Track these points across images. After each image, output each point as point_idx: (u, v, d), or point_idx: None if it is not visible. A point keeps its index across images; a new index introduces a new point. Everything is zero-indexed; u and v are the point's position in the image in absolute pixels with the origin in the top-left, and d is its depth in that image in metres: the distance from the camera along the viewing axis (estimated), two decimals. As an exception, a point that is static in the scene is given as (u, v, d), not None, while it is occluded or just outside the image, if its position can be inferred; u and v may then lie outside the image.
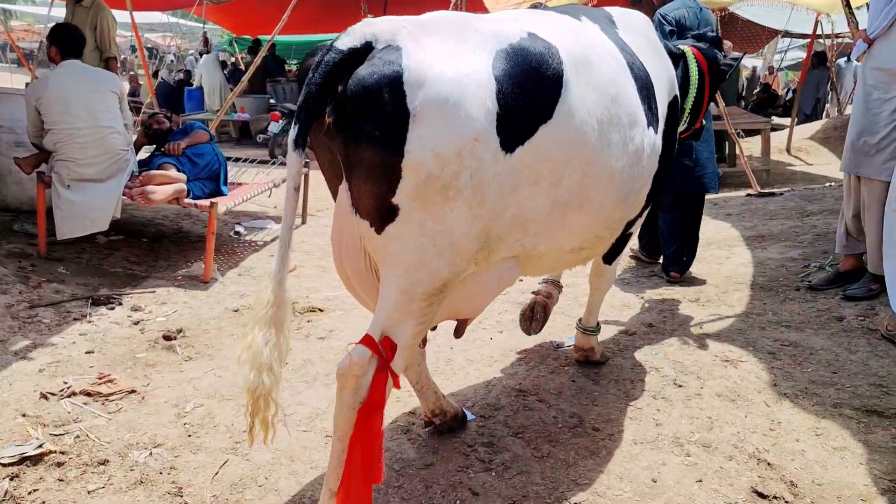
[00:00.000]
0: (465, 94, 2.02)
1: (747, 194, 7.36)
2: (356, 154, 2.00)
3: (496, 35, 2.16)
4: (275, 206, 7.32)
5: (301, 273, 5.16)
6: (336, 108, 1.99)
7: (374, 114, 1.97)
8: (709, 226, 6.00)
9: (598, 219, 2.51)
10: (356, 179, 2.03)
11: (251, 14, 15.17)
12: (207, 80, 14.65)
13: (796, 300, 4.10)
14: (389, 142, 1.97)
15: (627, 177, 2.52)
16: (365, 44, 2.01)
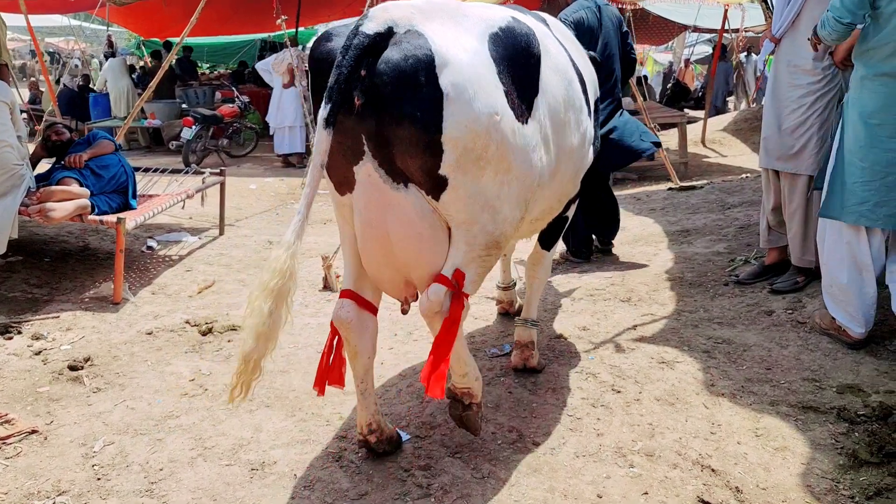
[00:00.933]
0: (480, 76, 2.25)
1: (669, 188, 7.45)
2: (397, 133, 2.18)
3: (485, 19, 2.40)
4: (190, 217, 6.98)
5: (220, 289, 4.89)
6: (367, 91, 2.14)
7: (413, 95, 2.15)
8: (634, 221, 6.02)
9: (558, 190, 2.85)
10: (401, 156, 2.22)
11: (159, 16, 14.57)
12: (113, 86, 13.98)
13: (726, 295, 4.11)
14: (429, 120, 2.17)
15: (578, 156, 2.89)
16: (387, 28, 2.18)
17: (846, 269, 3.35)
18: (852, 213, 3.27)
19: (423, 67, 2.15)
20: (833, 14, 3.19)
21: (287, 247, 2.16)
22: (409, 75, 2.14)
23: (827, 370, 3.20)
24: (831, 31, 3.24)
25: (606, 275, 4.69)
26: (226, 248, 5.98)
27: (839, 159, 3.39)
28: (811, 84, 3.77)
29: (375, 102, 2.16)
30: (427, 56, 2.16)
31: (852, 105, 3.29)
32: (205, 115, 11.24)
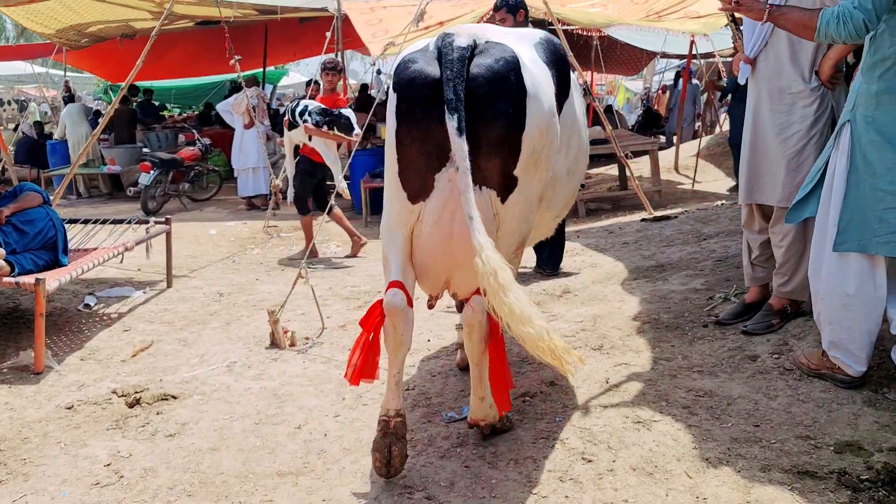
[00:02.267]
0: (544, 78, 2.61)
1: (642, 219, 7.15)
2: (487, 132, 2.45)
3: (523, 33, 2.89)
4: (139, 268, 6.56)
5: (158, 350, 4.47)
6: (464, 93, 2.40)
7: (505, 93, 2.44)
8: (606, 258, 5.69)
9: (573, 188, 3.21)
10: (486, 155, 2.46)
11: (118, 58, 14.27)
12: (72, 132, 13.56)
13: (705, 339, 3.77)
14: (517, 117, 2.46)
15: (584, 159, 3.27)
16: (473, 41, 2.52)
17: (855, 307, 2.99)
18: (886, 243, 2.88)
19: (512, 68, 2.50)
20: (864, 16, 2.74)
21: (482, 247, 2.31)
22: (503, 75, 2.47)
23: (822, 424, 2.85)
24: (853, 31, 2.79)
25: (577, 319, 4.34)
26: (172, 302, 5.56)
27: (853, 186, 3.00)
28: (804, 108, 3.43)
29: (469, 106, 2.40)
30: (513, 58, 2.52)
31: (869, 125, 2.90)
32: (163, 160, 10.86)
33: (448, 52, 2.45)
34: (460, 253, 2.54)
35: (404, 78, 2.57)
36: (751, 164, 3.67)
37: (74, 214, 11.05)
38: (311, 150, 7.13)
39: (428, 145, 2.50)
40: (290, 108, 7.35)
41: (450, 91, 2.38)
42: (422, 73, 2.53)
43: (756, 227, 3.79)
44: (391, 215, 2.73)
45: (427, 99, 2.49)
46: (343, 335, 4.53)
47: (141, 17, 11.65)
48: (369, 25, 9.89)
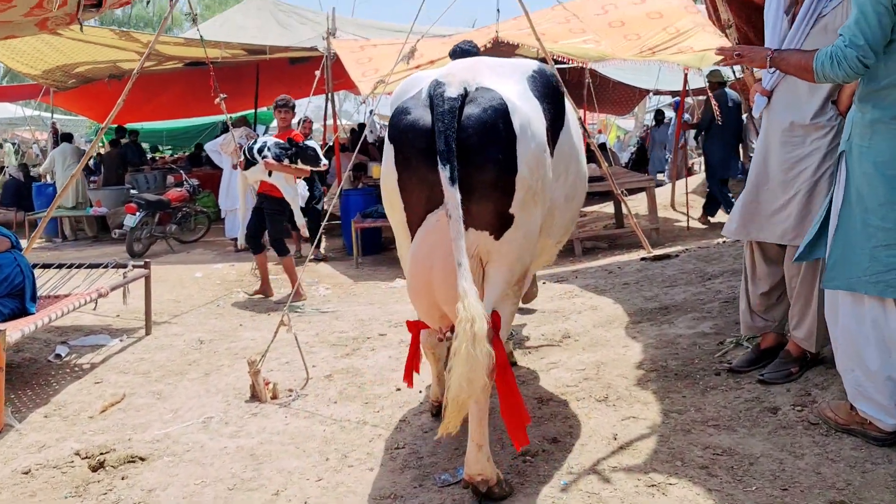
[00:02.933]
0: (533, 115, 2.68)
1: (642, 258, 6.91)
2: (480, 177, 2.53)
3: (517, 65, 2.95)
4: (117, 314, 6.26)
5: (129, 404, 4.16)
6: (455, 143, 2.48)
7: (494, 141, 2.54)
8: (606, 299, 5.43)
9: (574, 214, 3.30)
10: (477, 199, 2.54)
11: (106, 99, 14.11)
12: (62, 174, 13.34)
13: (719, 389, 3.49)
14: (508, 161, 2.55)
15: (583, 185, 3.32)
16: (464, 89, 2.58)
17: (873, 351, 2.75)
18: (876, 283, 2.68)
19: (500, 115, 2.57)
20: (857, 53, 2.62)
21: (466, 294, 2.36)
22: (491, 123, 2.55)
23: (856, 488, 2.56)
24: (849, 71, 2.66)
25: (579, 366, 4.06)
26: (149, 350, 5.26)
27: (845, 219, 2.83)
28: (818, 140, 3.21)
29: (461, 152, 2.49)
30: (502, 104, 2.59)
31: (862, 155, 2.74)
32: (149, 201, 10.62)
33: (439, 104, 2.52)
34: (444, 289, 2.62)
35: (399, 130, 2.67)
36: (755, 199, 3.44)
37: (56, 258, 10.80)
38: (271, 188, 6.96)
39: (427, 190, 2.61)
40: (246, 147, 7.20)
41: (441, 143, 2.46)
42: (415, 126, 2.62)
43: (756, 271, 3.55)
44: (403, 254, 2.89)
45: (422, 149, 2.59)
46: (329, 386, 4.23)
47: (129, 57, 11.51)
48: (359, 64, 9.75)
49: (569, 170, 3.00)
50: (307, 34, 12.46)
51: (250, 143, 7.21)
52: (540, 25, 10.21)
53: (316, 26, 12.63)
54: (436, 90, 2.59)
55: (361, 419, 3.68)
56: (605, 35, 10.10)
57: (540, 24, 10.20)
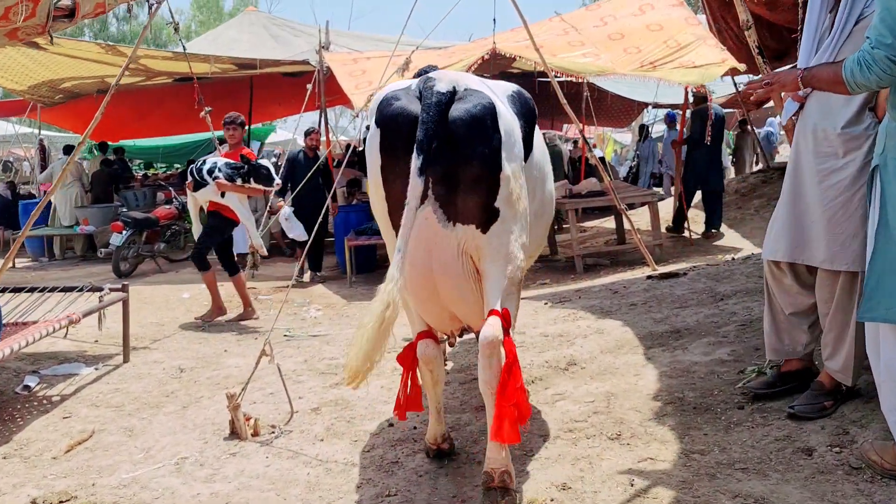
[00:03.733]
0: (514, 126, 2.80)
1: (648, 277, 6.59)
2: (466, 172, 2.62)
3: (500, 85, 3.06)
4: (95, 340, 5.93)
5: (98, 443, 3.82)
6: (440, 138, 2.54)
7: (483, 137, 2.62)
8: (613, 322, 5.10)
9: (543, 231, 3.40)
10: (463, 193, 2.62)
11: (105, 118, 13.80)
12: (61, 192, 13.03)
13: (744, 425, 3.16)
14: (495, 159, 2.65)
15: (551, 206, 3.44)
16: (453, 87, 2.64)
17: None
18: None
19: (489, 114, 2.64)
20: (885, 53, 2.34)
21: (393, 280, 2.44)
22: (480, 120, 2.61)
23: (913, 546, 2.24)
24: (882, 73, 2.38)
25: (587, 398, 3.73)
26: (126, 379, 4.92)
27: (882, 242, 2.54)
28: (854, 150, 2.89)
29: (448, 147, 2.56)
30: (491, 105, 2.67)
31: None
32: (136, 219, 10.30)
33: (428, 96, 2.57)
34: (447, 288, 2.72)
35: (387, 114, 2.67)
36: (791, 216, 3.12)
37: (40, 278, 10.47)
38: (224, 207, 6.75)
39: (403, 181, 2.58)
40: (193, 168, 6.96)
41: (422, 132, 2.50)
42: (404, 111, 2.64)
43: (784, 290, 3.23)
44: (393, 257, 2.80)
45: (408, 136, 2.57)
46: (315, 420, 3.89)
47: (116, 73, 11.18)
48: (352, 77, 9.48)
49: (535, 192, 3.06)
50: (302, 47, 12.19)
51: (197, 163, 7.00)
52: (538, 37, 9.94)
53: (311, 39, 12.36)
54: (426, 83, 2.64)
55: (350, 460, 3.34)
56: (604, 48, 9.84)
57: (538, 36, 9.93)
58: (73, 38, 11.27)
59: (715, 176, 10.25)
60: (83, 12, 4.86)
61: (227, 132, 6.93)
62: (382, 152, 2.69)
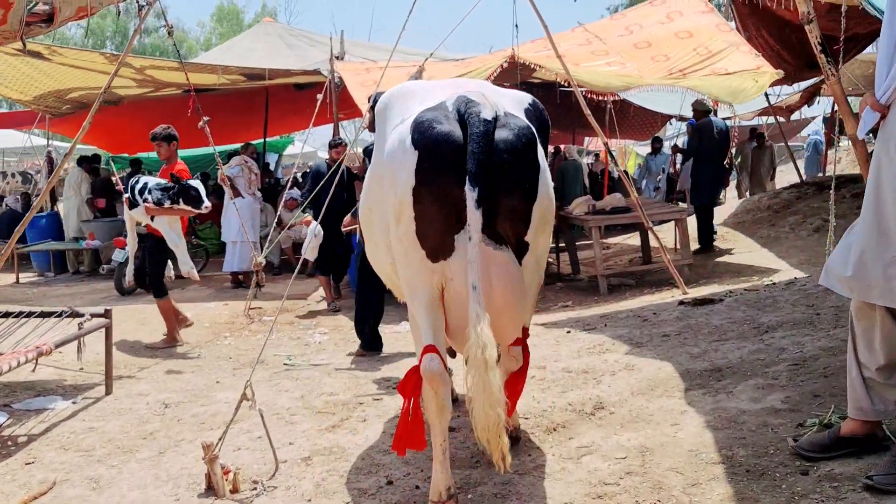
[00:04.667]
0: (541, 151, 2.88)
1: (680, 302, 6.03)
2: (504, 202, 2.64)
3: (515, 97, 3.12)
4: (81, 367, 5.48)
5: (57, 496, 3.35)
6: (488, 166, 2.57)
7: (524, 168, 2.69)
8: (644, 357, 4.57)
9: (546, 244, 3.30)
10: (501, 223, 2.67)
11: (109, 126, 13.53)
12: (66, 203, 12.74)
13: (811, 497, 2.61)
14: (532, 190, 2.74)
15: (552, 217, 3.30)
16: (496, 113, 2.67)
17: None
18: None
19: (531, 144, 2.72)
20: None
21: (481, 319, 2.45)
22: (523, 151, 2.68)
23: None
24: None
25: (618, 453, 3.20)
26: (104, 416, 4.47)
27: None
28: None
29: (490, 176, 2.56)
30: (532, 134, 2.75)
31: None
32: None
33: (475, 124, 2.55)
34: (493, 311, 2.62)
35: (430, 138, 2.62)
36: (874, 250, 2.58)
37: (42, 295, 10.10)
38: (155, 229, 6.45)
39: (447, 207, 2.61)
40: (129, 184, 6.66)
41: (473, 164, 2.49)
42: (448, 137, 2.61)
43: (875, 334, 2.69)
44: (409, 275, 2.77)
45: (450, 163, 2.58)
46: (305, 473, 3.40)
47: (123, 84, 10.89)
48: (363, 87, 9.05)
49: None
50: (318, 57, 11.78)
51: (132, 180, 6.69)
52: (559, 47, 9.46)
53: (327, 49, 11.96)
54: (468, 108, 2.62)
55: (339, 529, 2.85)
56: (630, 56, 9.35)
57: (559, 46, 9.45)
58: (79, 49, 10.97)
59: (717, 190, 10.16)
60: (63, 17, 4.49)
61: (157, 148, 6.60)
62: (418, 174, 2.63)
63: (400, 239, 2.74)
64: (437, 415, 2.75)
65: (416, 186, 2.62)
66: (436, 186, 2.61)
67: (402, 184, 2.66)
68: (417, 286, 2.74)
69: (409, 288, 2.81)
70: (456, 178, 2.55)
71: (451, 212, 2.59)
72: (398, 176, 2.69)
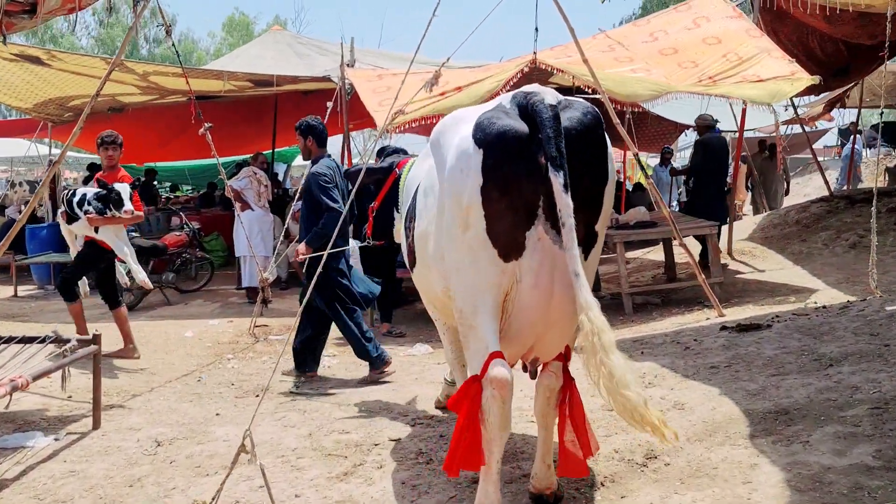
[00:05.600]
0: None
1: (723, 327, 5.52)
2: (579, 184, 2.53)
3: None
4: (69, 395, 5.00)
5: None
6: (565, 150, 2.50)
7: (595, 146, 2.64)
8: (694, 392, 4.07)
9: None
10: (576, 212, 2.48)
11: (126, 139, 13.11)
12: None
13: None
14: (603, 170, 2.67)
15: None
16: (558, 99, 2.63)
17: None
18: None
19: (598, 122, 2.67)
20: None
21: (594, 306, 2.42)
22: (592, 128, 2.62)
23: None
24: None
25: (683, 519, 2.71)
26: (88, 456, 3.99)
27: None
28: None
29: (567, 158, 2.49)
30: (596, 112, 2.67)
31: None
32: (142, 247, 9.41)
33: (542, 111, 2.50)
34: (557, 314, 2.62)
35: (493, 133, 2.58)
36: None
37: (39, 309, 9.65)
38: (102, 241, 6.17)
39: (517, 201, 2.56)
40: (65, 198, 6.46)
41: (552, 148, 2.44)
42: (512, 129, 2.58)
43: None
44: (475, 281, 2.66)
45: (517, 154, 2.55)
46: (313, 536, 2.92)
47: (127, 91, 10.50)
48: (375, 93, 8.61)
49: None
50: (328, 65, 11.35)
51: (68, 193, 6.43)
52: (584, 54, 9.04)
53: (337, 58, 11.54)
54: (529, 99, 2.58)
55: None
56: (655, 63, 8.87)
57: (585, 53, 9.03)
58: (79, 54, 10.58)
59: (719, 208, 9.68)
60: (48, 7, 4.05)
61: (104, 153, 6.31)
62: (485, 172, 2.57)
63: (469, 245, 2.64)
64: (500, 428, 2.59)
65: (483, 184, 2.57)
66: (505, 181, 2.56)
67: (469, 188, 2.60)
68: (484, 291, 2.64)
69: (471, 296, 2.67)
70: (526, 170, 2.53)
71: (520, 206, 2.56)
72: (463, 183, 2.62)
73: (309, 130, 5.68)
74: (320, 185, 5.47)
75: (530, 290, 2.58)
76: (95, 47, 39.48)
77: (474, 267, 2.65)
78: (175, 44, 5.83)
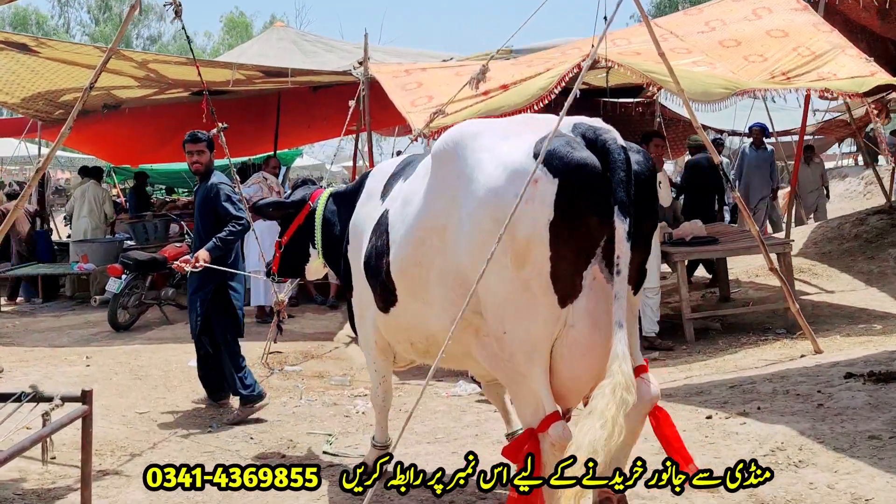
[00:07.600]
0: None
1: (848, 374, 4.53)
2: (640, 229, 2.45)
3: None
4: (53, 456, 4.00)
5: None
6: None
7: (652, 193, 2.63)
8: (862, 476, 3.10)
9: None
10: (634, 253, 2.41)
11: (108, 135, 12.19)
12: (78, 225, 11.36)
13: None
14: (657, 212, 2.71)
15: None
16: None
17: None
18: None
19: (654, 166, 2.68)
20: None
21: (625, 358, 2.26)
22: (653, 173, 2.62)
23: None
24: None
25: None
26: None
27: None
28: None
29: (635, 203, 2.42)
30: (651, 159, 2.67)
31: None
32: (139, 261, 8.45)
33: (615, 150, 2.42)
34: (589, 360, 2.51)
35: (573, 163, 2.45)
36: None
37: (24, 328, 8.67)
38: None
39: (584, 242, 2.47)
40: None
41: (622, 192, 2.35)
42: (592, 163, 2.46)
43: None
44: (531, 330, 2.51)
45: (594, 191, 2.44)
46: None
47: (124, 83, 9.52)
48: (406, 91, 7.65)
49: None
50: (335, 63, 10.43)
51: None
52: (632, 45, 8.10)
53: (345, 55, 10.64)
54: (599, 135, 2.50)
55: None
56: (717, 56, 7.92)
57: (632, 44, 8.10)
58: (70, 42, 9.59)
59: None
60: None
61: None
62: (559, 206, 2.41)
63: (526, 286, 2.48)
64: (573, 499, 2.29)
65: (553, 219, 2.42)
66: (578, 219, 2.44)
67: (534, 220, 2.43)
68: (540, 341, 2.51)
69: (526, 342, 2.53)
70: (598, 210, 2.41)
71: (583, 246, 2.47)
72: (523, 212, 2.41)
73: (212, 145, 5.53)
74: (228, 195, 5.42)
75: (590, 333, 2.47)
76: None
77: (531, 311, 2.50)
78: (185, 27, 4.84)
